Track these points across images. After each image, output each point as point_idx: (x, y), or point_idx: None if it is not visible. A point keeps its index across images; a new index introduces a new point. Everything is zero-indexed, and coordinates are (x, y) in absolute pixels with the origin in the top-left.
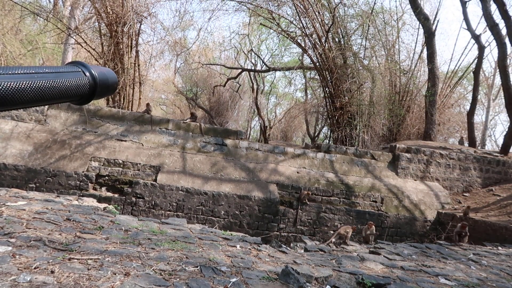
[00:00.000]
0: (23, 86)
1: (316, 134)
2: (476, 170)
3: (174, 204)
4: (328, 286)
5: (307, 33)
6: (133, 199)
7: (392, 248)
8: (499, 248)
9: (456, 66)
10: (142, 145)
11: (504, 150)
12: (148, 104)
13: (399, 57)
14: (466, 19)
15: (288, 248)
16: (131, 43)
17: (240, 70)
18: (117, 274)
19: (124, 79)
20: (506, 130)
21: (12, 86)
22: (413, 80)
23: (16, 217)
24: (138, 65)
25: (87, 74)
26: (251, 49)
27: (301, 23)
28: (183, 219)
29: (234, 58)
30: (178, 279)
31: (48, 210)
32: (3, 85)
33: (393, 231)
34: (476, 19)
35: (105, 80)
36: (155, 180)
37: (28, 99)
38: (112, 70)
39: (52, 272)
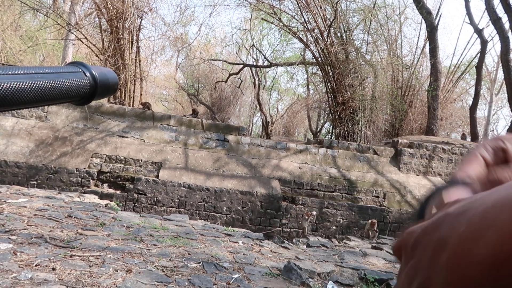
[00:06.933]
0: (23, 86)
1: (318, 130)
2: None
3: (176, 200)
4: (330, 281)
5: (309, 28)
6: (135, 195)
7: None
8: None
9: (458, 60)
10: (144, 141)
11: None
12: (143, 103)
13: (401, 51)
14: (468, 13)
15: (291, 243)
16: (132, 39)
17: (241, 66)
18: (119, 271)
19: (125, 75)
20: (509, 124)
21: (13, 87)
22: (415, 75)
23: (17, 214)
24: (139, 61)
25: (88, 74)
26: (253, 45)
27: (303, 18)
28: (185, 215)
29: (235, 54)
30: (180, 276)
31: (50, 207)
32: (4, 85)
33: (396, 226)
34: (479, 13)
35: (106, 81)
36: (157, 176)
37: (29, 100)
38: (112, 70)
39: (54, 269)
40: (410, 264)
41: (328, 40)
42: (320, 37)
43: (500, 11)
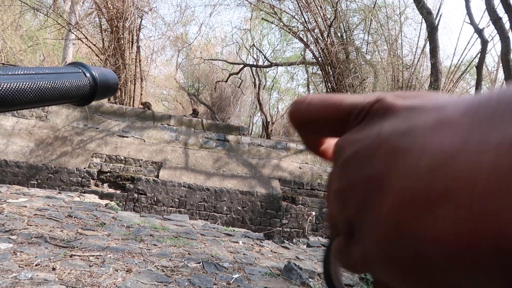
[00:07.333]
0: (23, 87)
1: None
2: None
3: (177, 200)
4: None
5: (309, 28)
6: (135, 195)
7: None
8: None
9: (459, 60)
10: (144, 141)
11: None
12: (143, 103)
13: (402, 51)
14: (469, 13)
15: (291, 243)
16: (132, 39)
17: (242, 66)
18: (119, 271)
19: (125, 74)
20: None
21: (12, 87)
22: (415, 75)
23: (17, 214)
24: (140, 61)
25: (88, 74)
26: (253, 44)
27: (303, 17)
28: (185, 215)
29: (236, 54)
30: (180, 276)
31: (50, 206)
32: (3, 86)
33: None
34: (479, 13)
35: (106, 81)
36: (157, 176)
37: (29, 100)
38: (112, 71)
39: (54, 269)
40: (339, 187)
41: (328, 40)
42: (320, 37)
43: (500, 11)
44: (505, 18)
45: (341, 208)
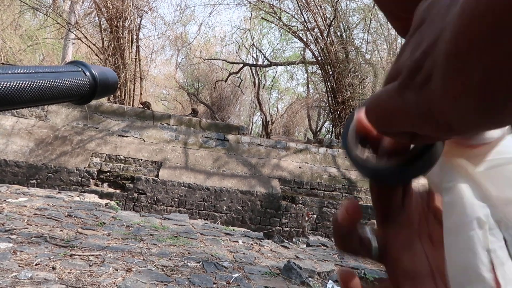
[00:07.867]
0: (23, 86)
1: (318, 129)
2: None
3: (176, 199)
4: (330, 281)
5: (309, 28)
6: (135, 195)
7: None
8: None
9: None
10: (144, 140)
11: None
12: (143, 103)
13: None
14: None
15: (291, 243)
16: (132, 38)
17: (241, 65)
18: (119, 270)
19: (125, 74)
20: None
21: (12, 86)
22: None
23: (17, 214)
24: (139, 60)
25: (87, 73)
26: (253, 44)
27: (303, 17)
28: (185, 214)
29: (235, 53)
30: (180, 275)
31: (50, 206)
32: (3, 85)
33: None
34: None
35: (106, 80)
36: (157, 175)
37: (28, 99)
38: (112, 70)
39: (54, 268)
40: (418, 30)
41: (328, 39)
42: (320, 36)
43: None
44: None
45: (418, 44)
